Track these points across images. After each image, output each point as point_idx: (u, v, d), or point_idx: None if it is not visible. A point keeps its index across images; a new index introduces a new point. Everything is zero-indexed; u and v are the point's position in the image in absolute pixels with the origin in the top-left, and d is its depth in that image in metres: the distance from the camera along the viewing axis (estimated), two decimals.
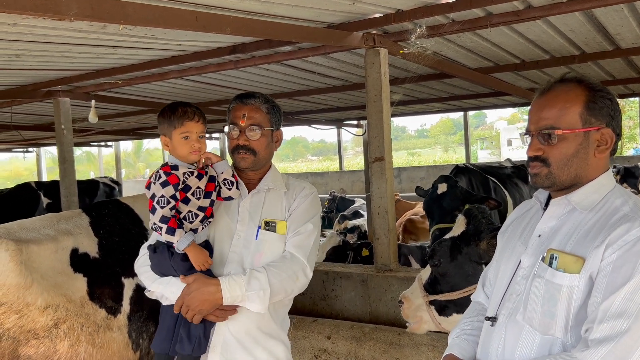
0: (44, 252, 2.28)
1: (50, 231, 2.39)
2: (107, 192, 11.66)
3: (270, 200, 2.26)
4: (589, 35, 4.92)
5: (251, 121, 2.20)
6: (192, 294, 2.02)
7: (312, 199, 2.31)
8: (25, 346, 2.15)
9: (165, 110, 2.14)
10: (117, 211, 2.67)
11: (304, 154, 48.01)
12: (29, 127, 9.72)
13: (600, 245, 1.44)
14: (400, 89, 6.76)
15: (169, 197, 2.03)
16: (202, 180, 2.12)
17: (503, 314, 1.62)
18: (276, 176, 2.32)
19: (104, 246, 2.49)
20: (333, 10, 3.82)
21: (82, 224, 2.52)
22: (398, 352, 3.30)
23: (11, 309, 2.11)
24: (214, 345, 2.12)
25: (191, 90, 6.98)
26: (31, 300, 2.15)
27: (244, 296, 2.03)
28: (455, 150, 38.04)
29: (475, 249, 2.57)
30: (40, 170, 17.28)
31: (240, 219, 2.21)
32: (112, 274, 2.47)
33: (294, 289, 2.16)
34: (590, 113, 1.54)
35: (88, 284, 2.36)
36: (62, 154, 6.39)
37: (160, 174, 2.06)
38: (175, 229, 2.03)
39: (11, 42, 4.10)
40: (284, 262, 2.14)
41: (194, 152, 2.11)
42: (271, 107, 2.27)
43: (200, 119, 2.13)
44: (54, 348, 2.19)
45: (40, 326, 2.16)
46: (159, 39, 4.26)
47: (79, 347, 2.24)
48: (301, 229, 2.22)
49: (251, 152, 2.21)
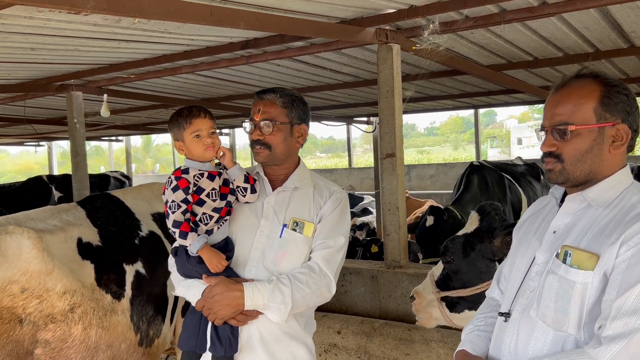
0: (57, 240, 2.36)
1: (56, 222, 2.46)
2: (118, 187, 11.73)
3: (297, 200, 2.23)
4: (604, 32, 4.88)
5: (264, 116, 2.20)
6: (215, 298, 2.03)
7: (343, 206, 2.27)
8: (43, 330, 2.22)
9: (172, 116, 2.17)
10: (109, 204, 2.77)
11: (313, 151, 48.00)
12: (42, 120, 9.80)
13: (615, 242, 1.43)
14: (411, 86, 6.74)
15: (179, 201, 2.05)
16: (215, 182, 2.13)
17: (516, 310, 1.62)
18: (304, 174, 2.29)
19: (103, 235, 2.59)
20: (346, 6, 3.82)
21: (80, 215, 2.61)
22: (408, 347, 3.30)
23: (33, 294, 2.19)
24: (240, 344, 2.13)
25: (202, 85, 7.00)
26: (51, 286, 2.23)
27: (265, 305, 2.04)
28: (465, 148, 37.86)
29: (488, 246, 2.57)
30: (51, 164, 17.40)
31: (265, 215, 2.19)
32: (115, 261, 2.57)
33: (316, 302, 2.16)
34: (605, 108, 1.53)
35: (95, 270, 2.46)
36: (75, 148, 6.44)
37: (172, 179, 2.09)
38: (188, 232, 2.05)
39: (27, 35, 4.13)
40: (311, 276, 2.11)
41: (208, 148, 2.12)
42: (289, 102, 2.24)
43: (207, 115, 2.15)
44: (69, 331, 2.27)
45: (58, 311, 2.24)
46: (172, 34, 4.28)
47: (91, 330, 2.33)
48: (332, 241, 2.18)
49: (265, 147, 2.20)
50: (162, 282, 2.69)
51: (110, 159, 21.70)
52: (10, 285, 2.15)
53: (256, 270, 2.13)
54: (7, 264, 2.14)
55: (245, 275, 2.13)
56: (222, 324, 2.07)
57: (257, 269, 2.13)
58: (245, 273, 2.14)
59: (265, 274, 2.12)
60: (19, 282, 2.16)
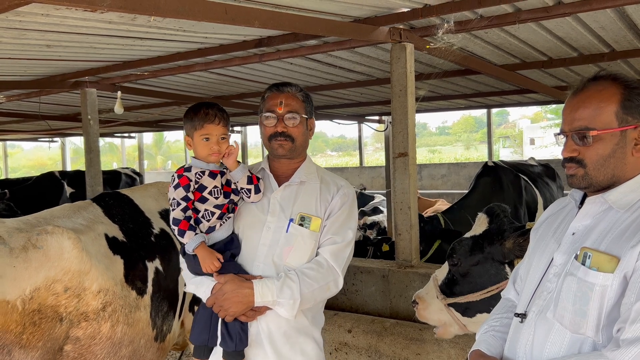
0: (89, 239, 2.39)
1: (81, 220, 2.49)
2: (129, 183, 11.81)
3: (304, 194, 2.23)
4: (620, 32, 4.83)
5: (289, 108, 2.20)
6: (226, 295, 2.06)
7: (352, 202, 2.27)
8: (76, 328, 2.27)
9: (189, 110, 2.18)
10: (120, 202, 2.79)
11: (324, 149, 48.00)
12: (56, 117, 9.89)
13: (636, 246, 1.41)
14: (424, 85, 6.72)
15: (179, 199, 2.08)
16: (217, 180, 2.15)
17: (533, 311, 1.61)
18: (310, 169, 2.29)
19: (125, 231, 2.62)
20: (360, 4, 3.81)
21: (98, 213, 2.64)
22: (419, 347, 3.29)
23: (74, 293, 2.24)
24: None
25: (215, 83, 7.03)
26: (88, 285, 2.28)
27: (275, 302, 2.06)
28: (476, 148, 37.66)
29: (499, 248, 2.49)
30: (64, 160, 17.55)
31: (271, 210, 2.19)
32: (139, 256, 2.59)
33: (324, 297, 2.18)
34: (626, 111, 1.51)
35: (124, 266, 2.50)
36: (88, 144, 6.49)
37: (175, 177, 2.12)
38: (185, 231, 2.08)
39: (43, 32, 4.17)
40: (319, 271, 2.12)
41: (213, 154, 2.13)
42: (305, 96, 2.27)
43: (222, 122, 2.14)
44: (99, 329, 2.31)
45: (91, 309, 2.29)
46: (186, 31, 4.30)
47: (117, 327, 2.37)
48: (340, 237, 2.18)
49: (290, 139, 2.19)
50: (175, 278, 2.73)
51: (122, 155, 21.83)
52: (55, 284, 2.19)
53: (264, 267, 2.14)
54: (50, 264, 2.19)
55: (253, 271, 2.15)
56: (231, 321, 2.09)
57: (265, 264, 2.14)
58: (253, 269, 2.15)
59: (273, 270, 2.13)
60: (62, 281, 2.21)
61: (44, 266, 2.17)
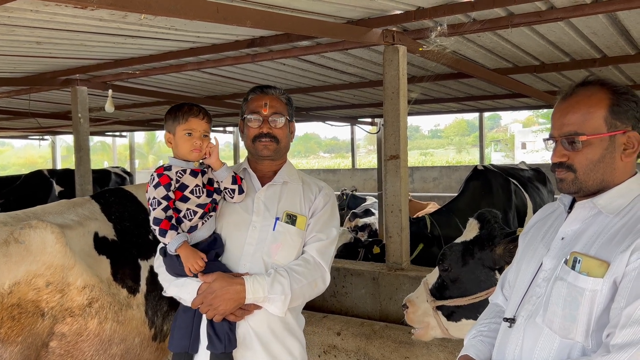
0: (76, 235, 2.37)
1: (74, 216, 2.47)
2: (119, 182, 11.73)
3: (288, 193, 2.27)
4: (612, 38, 4.85)
5: (274, 109, 2.24)
6: (215, 293, 2.03)
7: (333, 201, 2.34)
8: (61, 324, 2.24)
9: (172, 108, 2.19)
10: (122, 199, 2.76)
11: (316, 151, 48.02)
12: (46, 114, 9.80)
13: (626, 250, 1.41)
14: (417, 88, 6.72)
15: (160, 198, 2.06)
16: (198, 178, 2.13)
17: (522, 316, 1.60)
18: (291, 170, 2.35)
19: (118, 230, 2.59)
20: (353, 6, 3.80)
21: (95, 210, 2.61)
22: (408, 351, 3.28)
23: (57, 288, 2.21)
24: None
25: (207, 82, 6.99)
26: (72, 280, 2.25)
27: (266, 298, 2.06)
28: (468, 151, 37.82)
29: (489, 254, 2.50)
30: (54, 158, 17.43)
31: (256, 210, 2.21)
32: (130, 255, 2.57)
33: (312, 294, 2.20)
34: (615, 117, 1.51)
35: (111, 265, 2.47)
36: (78, 143, 6.44)
37: (154, 176, 2.10)
38: (167, 230, 2.05)
39: (32, 29, 4.12)
40: (307, 268, 2.15)
41: (195, 150, 2.12)
42: (287, 99, 2.33)
43: (205, 118, 2.16)
44: (86, 325, 2.29)
45: (76, 305, 2.26)
46: (178, 30, 4.27)
47: (106, 324, 2.35)
48: (324, 234, 2.23)
49: (274, 140, 2.24)
50: None
51: (114, 154, 21.70)
52: (36, 279, 2.16)
53: (251, 265, 2.14)
54: (32, 258, 2.16)
55: (239, 270, 2.15)
56: (220, 321, 2.06)
57: (252, 263, 2.14)
58: (239, 268, 2.15)
59: (261, 268, 2.13)
60: (43, 275, 2.18)
61: (24, 260, 2.15)
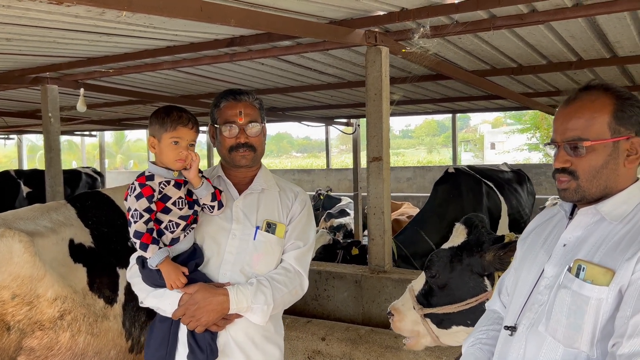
0: (48, 243, 2.24)
1: (47, 222, 2.33)
2: (90, 183, 11.47)
3: (266, 201, 2.23)
4: (589, 42, 4.92)
5: (250, 117, 2.18)
6: (198, 304, 1.99)
7: (309, 207, 2.33)
8: (29, 338, 2.12)
9: (159, 111, 2.08)
10: (100, 203, 2.63)
11: (289, 150, 47.93)
12: (13, 113, 9.49)
13: (631, 258, 1.39)
14: (398, 89, 6.72)
15: (142, 210, 1.97)
16: (181, 190, 2.06)
17: (523, 324, 1.57)
18: (267, 176, 2.30)
19: (96, 237, 2.47)
20: (337, 6, 3.76)
21: (70, 215, 2.48)
22: (394, 355, 3.25)
23: (24, 300, 2.09)
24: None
25: (183, 82, 6.86)
26: (42, 292, 2.12)
27: (249, 308, 2.04)
28: (439, 151, 38.27)
29: (478, 260, 2.43)
30: (21, 157, 16.94)
31: (235, 218, 2.17)
32: (108, 264, 2.45)
33: (291, 301, 2.20)
34: (618, 122, 1.50)
35: (88, 274, 2.35)
36: (49, 143, 6.22)
37: (135, 186, 2.00)
38: (149, 244, 1.98)
39: (3, 25, 3.96)
40: (287, 276, 2.15)
41: (179, 160, 2.04)
42: (260, 103, 2.27)
43: (194, 127, 2.08)
44: (57, 339, 2.17)
45: (47, 317, 2.14)
46: (156, 28, 4.15)
47: (79, 337, 2.23)
48: (302, 241, 2.23)
49: (252, 149, 2.19)
50: None
51: (82, 154, 21.18)
52: (0, 291, 2.04)
53: (231, 274, 2.11)
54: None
55: (219, 279, 2.11)
56: (202, 332, 2.03)
57: (233, 272, 2.11)
58: (219, 277, 2.11)
59: (241, 277, 2.11)
60: (9, 287, 2.05)
61: None
